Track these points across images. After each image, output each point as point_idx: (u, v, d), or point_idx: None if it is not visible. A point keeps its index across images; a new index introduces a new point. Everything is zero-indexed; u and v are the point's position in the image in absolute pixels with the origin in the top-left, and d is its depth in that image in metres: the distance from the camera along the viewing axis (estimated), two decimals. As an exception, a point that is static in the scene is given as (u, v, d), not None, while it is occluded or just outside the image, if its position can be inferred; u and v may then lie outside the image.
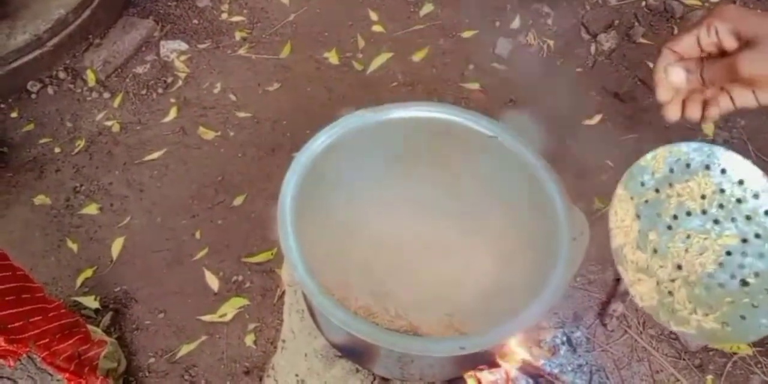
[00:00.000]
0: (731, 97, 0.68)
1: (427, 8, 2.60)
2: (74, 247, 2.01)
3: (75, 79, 2.44)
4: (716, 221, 0.71)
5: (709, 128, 2.20)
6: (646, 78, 2.35)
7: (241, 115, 2.32)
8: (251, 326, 1.84)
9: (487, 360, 1.57)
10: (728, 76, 0.63)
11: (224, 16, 2.63)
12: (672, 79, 0.67)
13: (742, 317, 0.67)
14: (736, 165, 0.71)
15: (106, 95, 2.40)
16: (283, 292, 1.77)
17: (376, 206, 1.28)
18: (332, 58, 2.46)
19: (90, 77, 2.42)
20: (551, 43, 2.47)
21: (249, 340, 1.81)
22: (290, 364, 1.45)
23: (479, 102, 2.32)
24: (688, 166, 0.72)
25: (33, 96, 2.40)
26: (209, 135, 2.26)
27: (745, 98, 0.67)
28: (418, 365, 1.27)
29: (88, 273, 1.95)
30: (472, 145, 1.23)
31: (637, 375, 1.76)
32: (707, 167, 0.71)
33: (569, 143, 2.16)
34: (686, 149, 0.72)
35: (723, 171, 0.71)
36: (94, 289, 1.93)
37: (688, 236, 0.71)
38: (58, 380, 1.71)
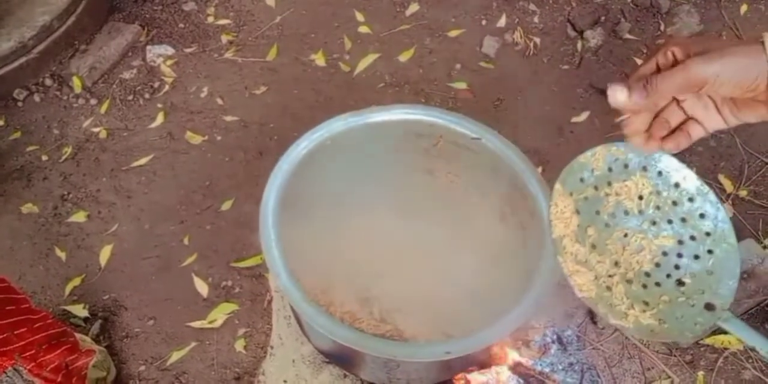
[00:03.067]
0: (698, 121, 0.69)
1: (413, 8, 2.59)
2: (62, 255, 2.00)
3: (61, 86, 2.43)
4: (653, 222, 0.72)
5: (696, 124, 2.20)
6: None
7: (229, 119, 2.31)
8: (241, 331, 1.83)
9: (476, 361, 1.56)
10: (681, 81, 0.64)
11: (210, 19, 2.62)
12: (612, 99, 0.68)
13: (679, 315, 0.69)
14: (672, 168, 0.71)
15: (93, 101, 2.38)
16: (272, 297, 1.76)
17: (360, 210, 1.27)
18: (319, 59, 2.45)
19: (76, 84, 2.40)
20: (538, 40, 2.46)
21: (239, 345, 1.81)
22: (279, 370, 1.44)
23: (467, 101, 2.31)
24: (626, 166, 0.72)
25: (19, 103, 2.39)
26: (196, 140, 2.25)
27: (698, 131, 0.69)
28: (404, 370, 1.27)
29: (77, 281, 1.95)
30: (456, 146, 1.22)
31: (628, 372, 1.76)
32: (644, 169, 0.72)
33: (557, 140, 2.16)
34: (624, 149, 0.72)
35: (660, 173, 0.72)
36: (83, 297, 1.92)
37: (626, 235, 0.72)
38: (46, 391, 1.70)
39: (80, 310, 1.86)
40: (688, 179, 0.71)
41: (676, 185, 0.71)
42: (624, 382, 1.74)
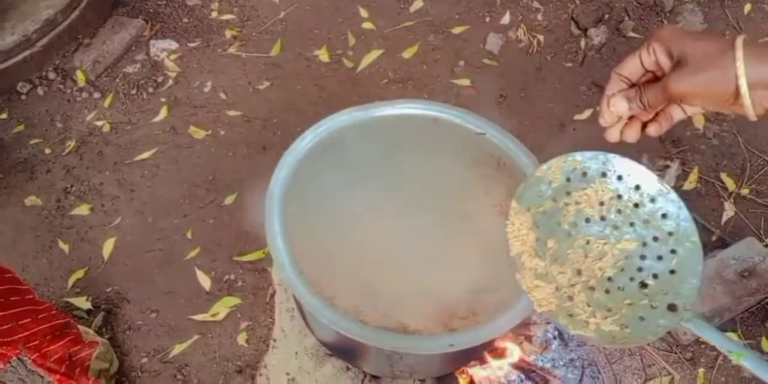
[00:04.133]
0: (671, 115, 0.72)
1: (417, 4, 2.59)
2: (65, 247, 2.01)
3: (65, 80, 2.43)
4: (615, 226, 0.71)
5: (699, 122, 2.20)
6: (637, 72, 2.35)
7: (232, 113, 2.31)
8: (243, 325, 1.84)
9: (478, 356, 1.57)
10: (663, 96, 0.67)
11: (214, 14, 2.62)
12: (616, 109, 0.71)
13: (641, 318, 0.68)
14: (631, 171, 0.72)
15: (96, 95, 2.39)
16: (275, 291, 1.77)
17: (364, 204, 1.27)
18: (322, 55, 2.46)
19: (80, 77, 2.41)
20: (541, 38, 2.47)
21: (241, 338, 1.81)
22: (281, 362, 1.45)
23: (470, 98, 2.32)
24: (584, 174, 0.72)
25: (23, 97, 2.39)
26: (200, 134, 2.26)
27: (678, 114, 0.72)
28: (407, 363, 1.27)
29: (80, 274, 1.95)
30: (460, 141, 1.23)
31: (629, 369, 1.77)
32: (604, 175, 0.72)
33: (559, 137, 2.16)
34: (581, 158, 0.73)
35: (619, 178, 0.72)
36: (86, 289, 1.93)
37: (588, 242, 0.72)
38: (48, 382, 1.70)
39: (83, 303, 1.87)
40: (649, 181, 0.72)
41: (637, 187, 0.72)
42: (624, 378, 1.75)
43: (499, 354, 1.63)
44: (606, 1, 2.57)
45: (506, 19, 2.53)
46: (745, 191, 2.04)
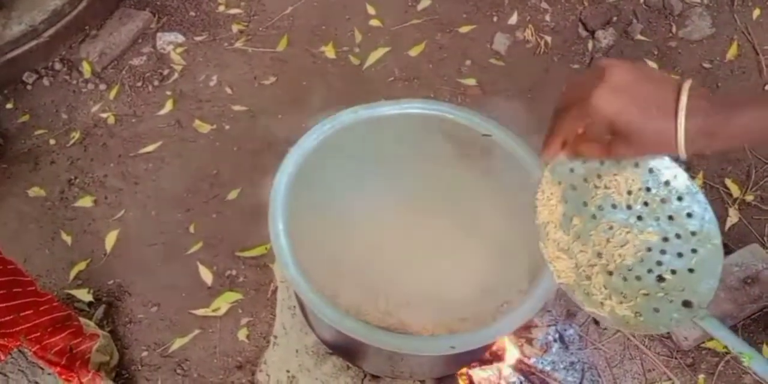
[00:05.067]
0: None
1: (425, 3, 2.58)
2: (68, 239, 2.01)
3: (71, 71, 2.43)
4: (639, 217, 0.72)
5: (705, 127, 2.19)
6: (644, 75, 2.34)
7: (237, 108, 2.31)
8: (244, 321, 1.84)
9: (479, 357, 1.57)
10: (602, 154, 0.69)
11: (221, 8, 2.62)
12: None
13: (656, 309, 0.70)
14: (663, 166, 0.72)
15: (102, 87, 2.39)
16: (277, 288, 1.77)
17: (368, 203, 1.27)
18: (329, 52, 2.45)
19: (86, 69, 2.41)
20: (549, 39, 2.46)
21: (242, 334, 1.81)
22: (282, 360, 1.45)
23: (476, 98, 2.31)
24: (618, 160, 0.73)
25: (28, 87, 2.39)
26: (205, 128, 2.26)
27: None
28: (408, 363, 1.27)
29: (82, 266, 1.95)
30: (466, 142, 1.22)
31: (628, 373, 1.76)
32: (636, 165, 0.72)
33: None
34: None
35: (651, 170, 0.72)
36: (88, 282, 1.93)
37: (611, 227, 0.72)
38: (49, 374, 1.71)
39: (85, 295, 1.87)
40: (679, 178, 0.72)
41: (666, 183, 0.72)
42: (624, 382, 1.75)
43: (500, 356, 1.63)
44: (614, 3, 2.57)
45: (514, 19, 2.52)
46: (749, 198, 2.04)
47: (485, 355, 1.59)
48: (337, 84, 2.37)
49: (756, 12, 2.51)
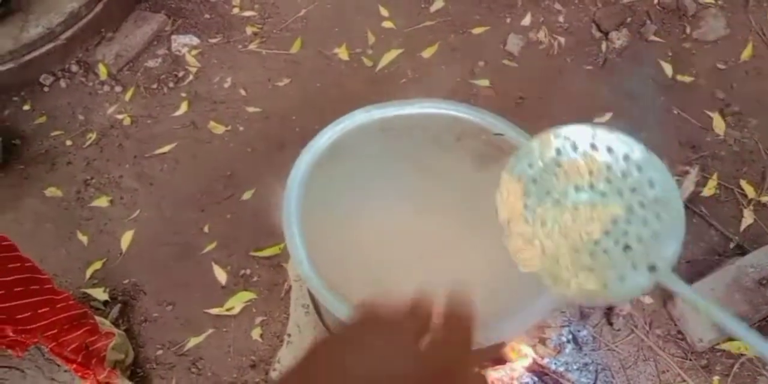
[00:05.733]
0: None
1: (438, 4, 2.59)
2: (84, 239, 2.03)
3: (87, 73, 2.46)
4: (603, 194, 0.74)
5: (720, 128, 2.18)
6: (658, 76, 2.33)
7: (251, 109, 2.33)
8: (258, 320, 1.85)
9: (491, 357, 1.57)
10: None
11: (235, 10, 2.64)
12: None
13: (622, 278, 0.71)
14: (620, 143, 0.74)
15: (118, 89, 2.41)
16: (290, 287, 1.78)
17: (380, 202, 1.28)
18: (342, 53, 2.46)
19: (102, 71, 2.43)
20: (562, 40, 2.46)
21: (256, 333, 1.83)
22: (295, 358, 1.45)
23: (489, 99, 2.31)
24: (574, 146, 0.75)
25: (45, 89, 2.42)
26: (219, 129, 2.27)
27: None
28: (421, 362, 1.28)
29: (98, 265, 1.97)
30: (478, 142, 1.23)
31: (643, 374, 1.76)
32: (593, 146, 0.74)
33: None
34: (571, 131, 0.75)
35: (609, 149, 0.74)
36: (103, 281, 1.95)
37: (576, 209, 0.74)
38: (65, 371, 1.73)
39: (100, 294, 1.89)
40: (636, 150, 0.74)
41: (625, 157, 0.74)
42: None
43: (513, 356, 1.63)
44: (628, 4, 2.56)
45: (527, 20, 2.52)
46: (764, 198, 2.02)
47: (498, 355, 1.59)
48: (350, 85, 2.38)
49: (771, 12, 2.50)
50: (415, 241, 1.31)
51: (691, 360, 1.76)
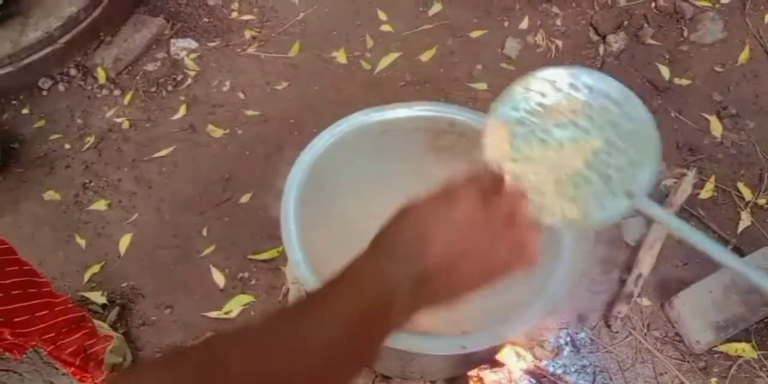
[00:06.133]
0: None
1: (436, 8, 2.60)
2: (82, 242, 2.03)
3: (86, 76, 2.46)
4: (586, 130, 0.78)
5: (717, 130, 2.19)
6: (655, 79, 2.34)
7: (250, 113, 2.33)
8: (256, 323, 1.85)
9: (489, 359, 1.57)
10: None
11: (234, 14, 2.65)
12: None
13: (603, 206, 0.76)
14: (599, 81, 0.78)
15: (117, 92, 2.42)
16: (288, 290, 1.78)
17: (378, 204, 1.28)
18: (340, 57, 2.47)
19: (100, 74, 2.44)
20: (560, 43, 2.47)
21: (254, 336, 1.82)
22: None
23: (487, 102, 2.31)
24: (557, 88, 0.78)
25: (44, 92, 2.43)
26: (218, 133, 2.28)
27: None
28: (419, 363, 1.28)
29: (96, 268, 1.98)
30: (476, 144, 1.23)
31: (640, 377, 1.76)
32: (575, 87, 0.78)
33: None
34: (551, 74, 0.79)
35: (589, 88, 0.78)
36: (101, 284, 1.95)
37: (561, 145, 0.77)
38: (63, 374, 1.73)
39: (98, 297, 1.89)
40: (614, 87, 0.78)
41: (605, 95, 0.78)
42: (636, 385, 1.74)
43: (511, 358, 1.63)
44: (625, 7, 2.57)
45: (525, 23, 2.53)
46: (762, 201, 2.03)
47: (496, 357, 1.59)
48: (349, 89, 2.39)
49: (768, 16, 2.51)
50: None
51: (688, 362, 1.76)
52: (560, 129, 0.78)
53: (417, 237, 0.60)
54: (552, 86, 0.78)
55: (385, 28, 2.56)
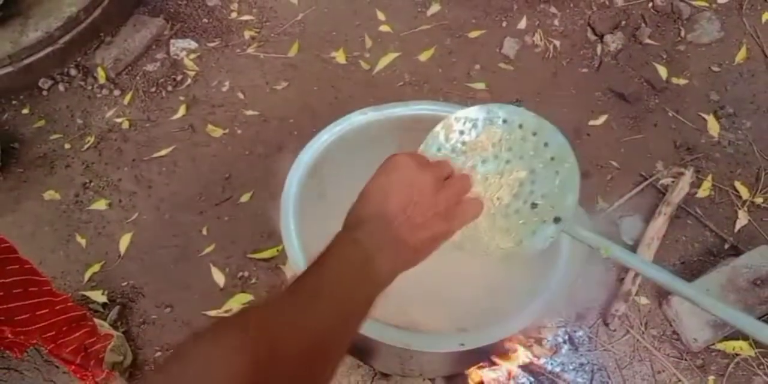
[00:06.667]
0: None
1: (434, 8, 2.61)
2: (83, 241, 2.04)
3: (86, 77, 2.47)
4: (507, 161, 0.81)
5: (714, 130, 2.20)
6: (652, 79, 2.35)
7: (249, 113, 2.34)
8: (256, 322, 1.86)
9: (488, 357, 1.58)
10: None
11: (234, 15, 2.65)
12: None
13: (533, 232, 0.81)
14: (513, 114, 0.82)
15: (117, 92, 2.42)
16: (288, 289, 1.79)
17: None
18: (339, 57, 2.48)
19: (100, 74, 2.44)
20: (557, 43, 2.47)
21: (253, 335, 1.83)
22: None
23: (485, 102, 2.32)
24: (474, 125, 0.82)
25: (44, 92, 2.43)
26: (217, 132, 2.29)
27: None
28: (418, 361, 1.29)
29: (96, 268, 1.98)
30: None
31: (638, 375, 1.77)
32: (491, 122, 0.82)
33: (574, 143, 2.16)
34: (468, 112, 0.82)
35: (504, 121, 0.82)
36: (102, 283, 1.96)
37: (486, 179, 0.81)
38: (64, 372, 1.73)
39: (99, 296, 1.90)
40: (528, 118, 0.83)
41: (520, 126, 0.82)
42: None
43: (509, 356, 1.64)
44: (623, 7, 2.58)
45: (523, 24, 2.54)
46: (759, 200, 2.04)
47: (494, 355, 1.60)
48: (348, 89, 2.40)
49: (765, 16, 2.52)
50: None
51: (686, 360, 1.77)
52: (484, 163, 0.81)
53: (375, 205, 0.71)
54: (470, 123, 0.82)
55: (384, 28, 2.57)
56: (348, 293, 0.67)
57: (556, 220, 0.80)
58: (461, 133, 0.82)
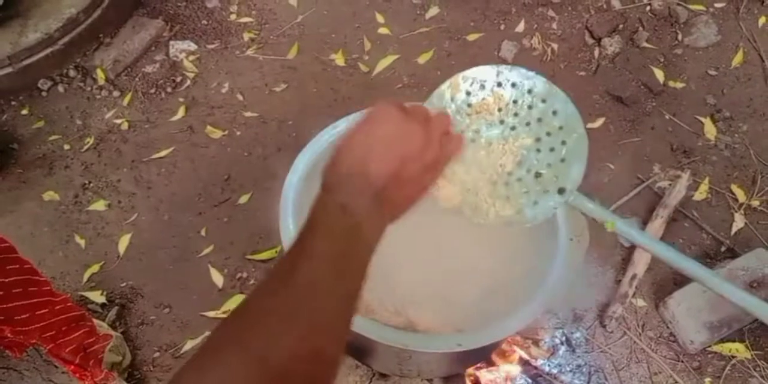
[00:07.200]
0: None
1: (433, 11, 2.62)
2: (82, 242, 2.05)
3: (85, 78, 2.48)
4: (513, 128, 0.79)
5: (711, 133, 2.21)
6: (650, 82, 2.36)
7: (248, 114, 2.35)
8: (254, 323, 1.86)
9: (485, 358, 1.59)
10: None
11: (233, 17, 2.66)
12: None
13: (535, 202, 0.78)
14: (523, 78, 0.79)
15: (116, 94, 2.43)
16: (286, 290, 1.79)
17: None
18: (338, 59, 2.49)
19: (100, 76, 2.45)
20: (555, 46, 2.49)
21: (252, 336, 1.83)
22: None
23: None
24: (482, 86, 0.79)
25: (44, 93, 2.44)
26: (216, 134, 2.29)
27: None
28: (416, 362, 1.29)
29: (95, 268, 1.99)
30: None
31: (635, 376, 1.78)
32: (499, 84, 0.79)
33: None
34: (477, 72, 0.80)
35: (513, 85, 0.79)
36: (101, 284, 1.96)
37: (490, 144, 0.79)
38: (63, 372, 1.74)
39: (98, 297, 1.90)
40: (539, 84, 0.79)
41: (530, 91, 0.79)
42: (630, 385, 1.76)
43: (506, 357, 1.64)
44: (620, 11, 2.59)
45: (521, 27, 2.56)
46: (755, 203, 2.05)
47: (492, 356, 1.61)
48: (347, 91, 2.41)
49: (762, 20, 2.54)
50: (414, 241, 1.33)
51: (683, 362, 1.78)
52: (489, 128, 0.79)
53: (357, 163, 0.66)
54: (478, 84, 0.79)
55: (383, 30, 2.58)
56: (344, 270, 0.62)
57: (560, 191, 0.78)
58: (468, 93, 0.79)
